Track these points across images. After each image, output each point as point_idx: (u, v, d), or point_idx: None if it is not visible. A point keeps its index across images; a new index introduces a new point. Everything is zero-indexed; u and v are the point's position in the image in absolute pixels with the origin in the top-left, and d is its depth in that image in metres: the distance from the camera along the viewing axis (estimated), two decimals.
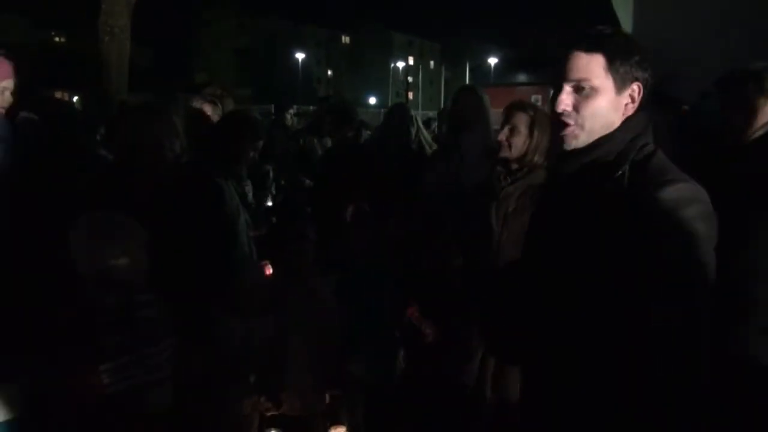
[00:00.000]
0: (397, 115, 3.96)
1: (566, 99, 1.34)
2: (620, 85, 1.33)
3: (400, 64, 61.73)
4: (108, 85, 8.03)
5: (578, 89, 1.34)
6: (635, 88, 1.34)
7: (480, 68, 56.58)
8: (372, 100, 53.22)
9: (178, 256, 2.22)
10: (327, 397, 2.57)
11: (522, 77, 38.87)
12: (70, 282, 1.86)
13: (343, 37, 66.31)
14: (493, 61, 53.07)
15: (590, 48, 1.32)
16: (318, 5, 62.79)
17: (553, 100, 1.37)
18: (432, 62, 73.06)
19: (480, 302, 1.75)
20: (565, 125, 1.35)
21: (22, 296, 2.24)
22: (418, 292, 2.73)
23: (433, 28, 74.53)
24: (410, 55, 69.34)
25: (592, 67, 1.32)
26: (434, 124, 8.12)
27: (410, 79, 59.04)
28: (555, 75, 1.37)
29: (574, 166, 1.36)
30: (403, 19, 71.31)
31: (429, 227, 2.95)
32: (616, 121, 1.35)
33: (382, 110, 17.33)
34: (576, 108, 1.34)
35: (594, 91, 1.32)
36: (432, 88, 67.31)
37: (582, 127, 1.34)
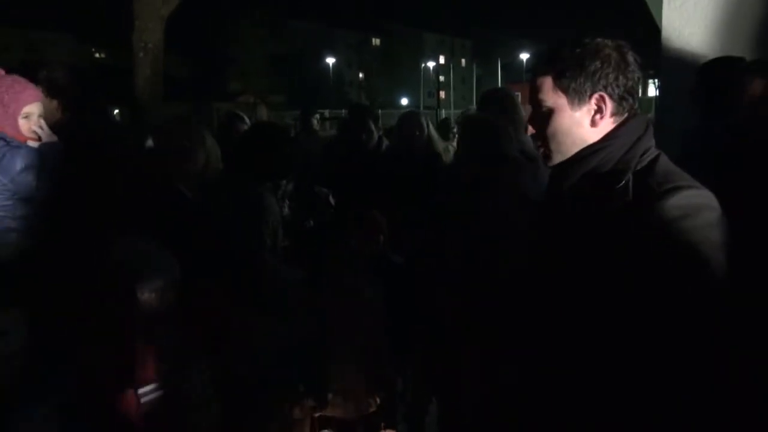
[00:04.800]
0: (405, 123, 3.93)
1: (530, 124, 1.41)
2: (576, 100, 1.32)
3: (431, 64, 61.45)
4: (143, 99, 8.25)
5: (537, 112, 1.38)
6: (597, 98, 1.31)
7: (512, 64, 55.94)
8: (404, 101, 53.19)
9: (214, 263, 2.27)
10: (377, 399, 2.58)
11: None
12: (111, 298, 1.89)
13: (373, 39, 66.43)
14: (525, 56, 52.37)
15: (541, 70, 1.37)
16: (348, 8, 62.94)
17: None
18: (463, 60, 72.50)
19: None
20: (540, 146, 1.41)
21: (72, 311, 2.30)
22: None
23: (464, 26, 73.93)
24: (441, 54, 68.94)
25: (544, 88, 1.35)
26: None
27: (441, 78, 58.71)
28: None
29: (569, 177, 1.36)
30: (433, 17, 70.83)
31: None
32: (590, 134, 1.33)
33: None
34: (540, 130, 1.39)
35: (549, 111, 1.35)
36: (464, 86, 66.81)
37: (549, 147, 1.38)
